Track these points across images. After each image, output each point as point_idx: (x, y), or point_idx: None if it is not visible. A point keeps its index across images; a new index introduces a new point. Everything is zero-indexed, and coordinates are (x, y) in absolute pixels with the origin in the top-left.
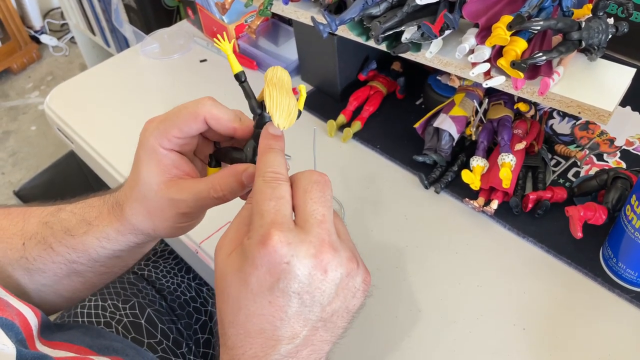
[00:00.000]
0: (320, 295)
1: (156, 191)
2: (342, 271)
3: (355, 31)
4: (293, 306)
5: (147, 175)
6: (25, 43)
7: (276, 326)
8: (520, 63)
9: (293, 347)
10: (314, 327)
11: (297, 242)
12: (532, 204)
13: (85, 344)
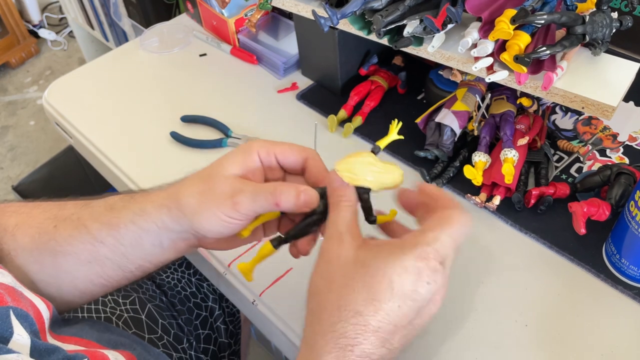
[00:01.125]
0: (421, 321)
1: (225, 175)
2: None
3: (357, 25)
4: (409, 319)
5: (228, 166)
6: (24, 37)
7: (391, 331)
8: (524, 57)
9: (387, 354)
10: (403, 344)
11: (441, 270)
12: (534, 199)
13: (93, 338)
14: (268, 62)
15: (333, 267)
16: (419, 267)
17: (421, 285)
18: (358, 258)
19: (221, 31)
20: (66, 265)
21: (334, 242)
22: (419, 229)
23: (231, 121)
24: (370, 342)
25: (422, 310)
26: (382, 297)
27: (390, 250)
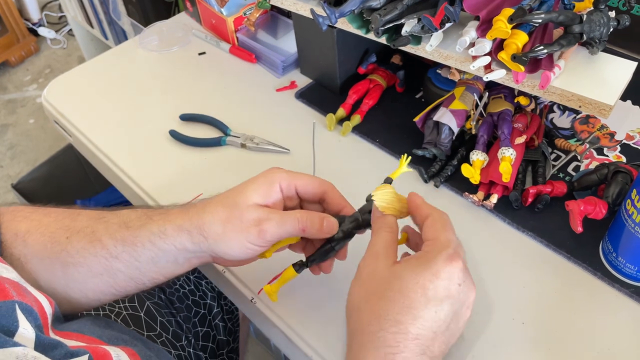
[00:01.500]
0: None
1: (249, 204)
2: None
3: (355, 24)
4: (446, 324)
5: (252, 194)
6: (23, 36)
7: (430, 337)
8: (521, 56)
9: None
10: (442, 351)
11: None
12: (532, 198)
13: (95, 334)
14: (267, 61)
15: (370, 282)
16: (449, 270)
17: (454, 288)
18: (393, 272)
19: (220, 30)
20: (77, 275)
21: (370, 260)
22: (430, 240)
23: (230, 120)
24: (411, 350)
25: (458, 313)
26: (418, 305)
27: (418, 260)
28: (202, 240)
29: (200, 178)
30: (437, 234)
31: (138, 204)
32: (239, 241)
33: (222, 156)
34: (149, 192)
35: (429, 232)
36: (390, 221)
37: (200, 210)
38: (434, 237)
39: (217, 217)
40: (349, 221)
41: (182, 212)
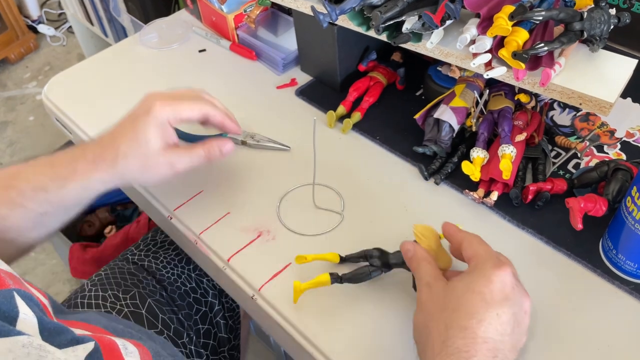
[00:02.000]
0: (520, 330)
1: (158, 153)
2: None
3: (356, 21)
4: (510, 326)
5: (153, 141)
6: (23, 33)
7: (498, 339)
8: (522, 54)
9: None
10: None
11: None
12: (532, 195)
13: (101, 324)
14: (267, 58)
15: (431, 304)
16: (500, 274)
17: (509, 290)
18: (449, 287)
19: (220, 27)
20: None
21: (425, 290)
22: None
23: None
24: (483, 354)
25: (518, 318)
26: (479, 309)
27: (469, 274)
28: (126, 183)
29: (202, 175)
30: (477, 250)
31: (138, 201)
32: (157, 179)
33: None
34: (149, 190)
35: (468, 251)
36: (424, 254)
37: (114, 164)
38: (474, 253)
39: (134, 168)
40: (392, 256)
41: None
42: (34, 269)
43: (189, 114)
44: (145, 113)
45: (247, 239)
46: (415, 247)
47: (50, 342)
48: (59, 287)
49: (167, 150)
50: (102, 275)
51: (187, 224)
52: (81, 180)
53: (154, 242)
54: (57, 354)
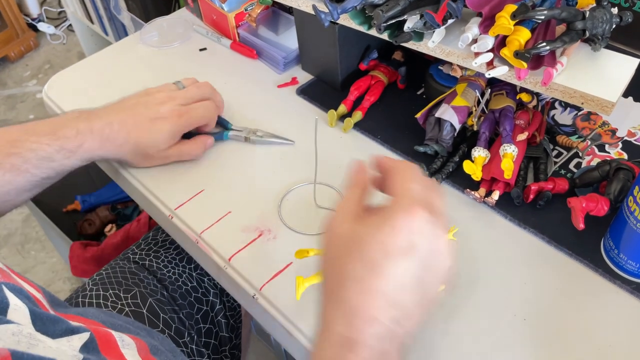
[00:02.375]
0: (432, 275)
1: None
2: (446, 258)
3: (357, 20)
4: (414, 276)
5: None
6: (23, 31)
7: (396, 291)
8: (524, 53)
9: (401, 316)
10: (419, 304)
11: (433, 219)
12: (533, 194)
13: (99, 319)
14: (268, 57)
15: (335, 243)
16: (408, 222)
17: (414, 238)
18: (353, 231)
19: (221, 26)
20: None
21: (335, 220)
22: (392, 194)
23: (231, 116)
24: (377, 306)
25: (428, 264)
26: (378, 261)
27: (378, 217)
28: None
29: (203, 174)
30: (398, 186)
31: (139, 200)
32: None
33: (226, 151)
34: (150, 188)
35: (391, 185)
36: (364, 181)
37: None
38: (394, 190)
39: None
40: None
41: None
42: (34, 267)
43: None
44: (163, 120)
45: (248, 238)
46: (362, 169)
47: (43, 332)
48: (60, 286)
49: (169, 150)
50: (103, 275)
51: (188, 223)
52: (86, 154)
53: (154, 242)
54: (48, 342)
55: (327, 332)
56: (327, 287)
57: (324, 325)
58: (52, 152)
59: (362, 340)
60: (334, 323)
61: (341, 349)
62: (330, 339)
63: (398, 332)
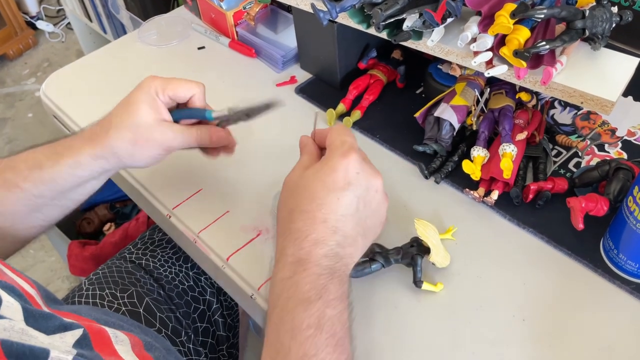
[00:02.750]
0: (370, 209)
1: (152, 125)
2: (381, 196)
3: (356, 19)
4: (352, 207)
5: (145, 112)
6: (21, 29)
7: (337, 219)
8: (523, 52)
9: (343, 240)
10: (359, 232)
11: (365, 163)
12: (532, 194)
13: (92, 317)
14: (267, 56)
15: (285, 188)
16: (344, 163)
17: (352, 176)
18: (301, 176)
19: (220, 24)
20: (3, 223)
21: (288, 174)
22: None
23: None
24: (321, 231)
25: (364, 198)
26: (320, 195)
27: (320, 163)
28: (117, 161)
29: (201, 173)
30: (334, 140)
31: (137, 199)
32: (148, 157)
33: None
34: (148, 187)
35: (328, 141)
36: (311, 148)
37: (106, 136)
38: (331, 142)
39: (126, 140)
40: (393, 250)
41: (89, 140)
42: (33, 265)
43: (178, 91)
44: (137, 89)
45: (246, 237)
46: (308, 141)
47: (36, 327)
48: (58, 285)
49: (159, 123)
50: (100, 274)
51: (186, 223)
52: (74, 156)
53: (151, 241)
54: (40, 338)
55: (282, 257)
56: (280, 224)
57: (278, 254)
58: (42, 159)
59: (311, 259)
60: (287, 248)
61: (294, 267)
62: (284, 260)
63: (341, 254)
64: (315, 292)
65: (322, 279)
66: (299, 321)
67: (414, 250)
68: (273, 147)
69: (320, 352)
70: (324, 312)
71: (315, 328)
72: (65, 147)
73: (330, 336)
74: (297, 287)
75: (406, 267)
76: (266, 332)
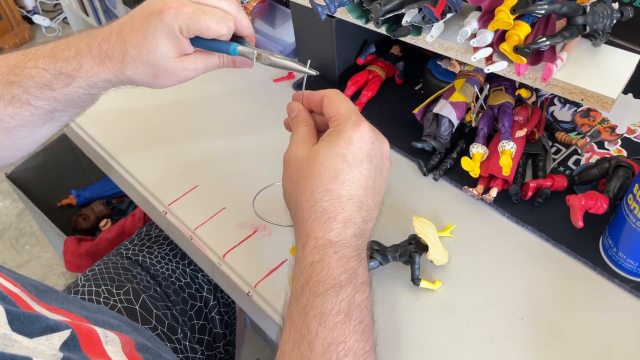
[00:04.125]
0: (382, 176)
1: (171, 60)
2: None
3: (355, 13)
4: (372, 179)
5: (166, 49)
6: (18, 23)
7: (362, 194)
8: (524, 48)
9: (367, 215)
10: (377, 203)
11: (374, 130)
12: (532, 192)
13: (82, 314)
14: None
15: (295, 167)
16: (359, 134)
17: (368, 147)
18: (312, 152)
19: None
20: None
21: (290, 149)
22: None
23: (226, 110)
24: (348, 209)
25: (379, 167)
26: (342, 171)
27: (330, 136)
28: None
29: (198, 169)
30: (337, 109)
31: (133, 195)
32: (169, 85)
33: (222, 145)
34: (143, 183)
35: (329, 109)
36: (306, 117)
37: (122, 65)
38: (335, 112)
39: (145, 75)
40: (391, 248)
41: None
42: (29, 261)
43: (206, 33)
44: (157, 15)
45: (243, 234)
46: (300, 108)
47: (20, 331)
48: (54, 280)
49: (181, 59)
50: (96, 270)
51: (182, 219)
52: (87, 77)
53: (148, 237)
54: (24, 342)
55: (310, 240)
56: (299, 201)
57: (304, 237)
58: (51, 79)
59: (341, 241)
60: (314, 231)
61: (324, 249)
62: (313, 243)
63: (366, 230)
64: (346, 276)
65: (353, 262)
66: (330, 306)
67: (412, 248)
68: (270, 143)
69: (348, 339)
70: (354, 297)
71: (345, 314)
72: (74, 66)
73: (359, 322)
74: (329, 271)
75: (404, 265)
76: (289, 315)
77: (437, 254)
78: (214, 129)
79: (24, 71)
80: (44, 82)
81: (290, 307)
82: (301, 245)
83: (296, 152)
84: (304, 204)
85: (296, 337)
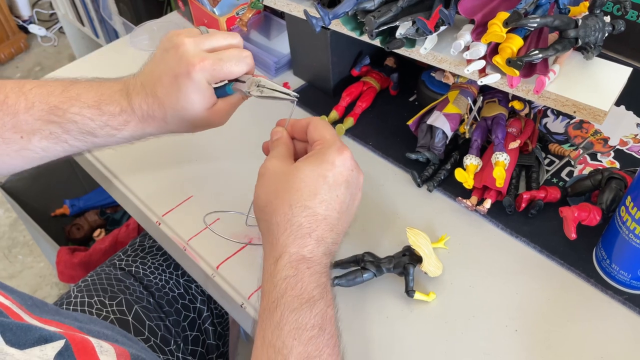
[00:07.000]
0: (354, 205)
1: (206, 112)
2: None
3: (349, 26)
4: (346, 204)
5: (197, 106)
6: (13, 32)
7: (336, 217)
8: (516, 60)
9: (336, 237)
10: (345, 228)
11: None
12: (525, 203)
13: (75, 325)
14: (259, 62)
15: (275, 180)
16: (342, 159)
17: (348, 173)
18: (295, 167)
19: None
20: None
21: (269, 162)
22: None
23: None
24: (322, 228)
25: (353, 195)
26: (321, 191)
27: (314, 157)
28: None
29: (192, 180)
30: (323, 134)
31: (126, 206)
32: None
33: (214, 154)
34: (137, 194)
35: (314, 134)
36: (288, 140)
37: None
38: (321, 136)
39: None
40: (385, 259)
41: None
42: (21, 272)
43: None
44: (185, 76)
45: (237, 245)
46: (284, 133)
47: (12, 343)
48: (47, 291)
49: (212, 111)
50: (89, 281)
51: (176, 230)
52: (133, 132)
53: (141, 248)
54: (17, 355)
55: (284, 255)
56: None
57: (276, 251)
58: (96, 128)
59: (314, 257)
60: (289, 246)
61: (297, 265)
62: (287, 258)
63: (333, 251)
64: (319, 291)
65: (324, 278)
66: (305, 320)
67: (406, 260)
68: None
69: (323, 352)
70: (326, 311)
71: (319, 328)
72: (120, 122)
73: (331, 336)
74: (302, 285)
75: (398, 277)
76: (261, 331)
77: (431, 265)
78: (209, 140)
79: (66, 115)
80: (88, 130)
81: (261, 323)
82: (273, 259)
83: (275, 164)
84: (281, 216)
85: (270, 353)
